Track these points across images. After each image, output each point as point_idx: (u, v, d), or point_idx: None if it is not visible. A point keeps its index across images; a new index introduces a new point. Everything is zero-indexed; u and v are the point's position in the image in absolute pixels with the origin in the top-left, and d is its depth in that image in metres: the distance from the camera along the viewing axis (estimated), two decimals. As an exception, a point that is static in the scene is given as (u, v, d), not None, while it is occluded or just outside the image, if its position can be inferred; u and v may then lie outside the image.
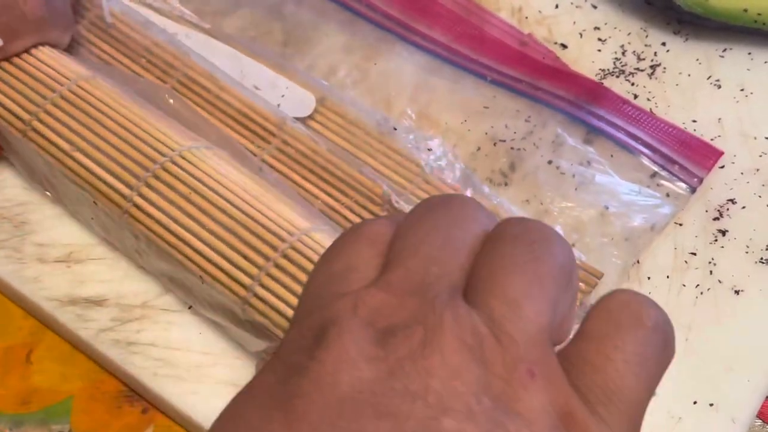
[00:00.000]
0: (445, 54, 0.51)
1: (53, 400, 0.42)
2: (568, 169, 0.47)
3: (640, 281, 0.45)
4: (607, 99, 0.49)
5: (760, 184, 0.48)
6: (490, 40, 0.52)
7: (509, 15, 0.54)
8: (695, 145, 0.48)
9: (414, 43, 0.52)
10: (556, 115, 0.49)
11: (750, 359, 0.43)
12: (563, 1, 0.54)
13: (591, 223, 0.46)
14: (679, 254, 0.46)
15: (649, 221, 0.46)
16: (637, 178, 0.47)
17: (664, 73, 0.52)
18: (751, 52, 0.52)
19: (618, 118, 0.49)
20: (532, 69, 0.50)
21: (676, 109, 0.50)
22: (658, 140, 0.48)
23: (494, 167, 0.48)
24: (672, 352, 0.24)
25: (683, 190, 0.47)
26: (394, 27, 0.52)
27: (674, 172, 0.47)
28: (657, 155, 0.48)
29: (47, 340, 0.44)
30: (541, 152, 0.48)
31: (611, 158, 0.48)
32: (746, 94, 0.51)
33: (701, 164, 0.48)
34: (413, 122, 0.49)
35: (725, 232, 0.46)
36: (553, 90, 0.50)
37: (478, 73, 0.51)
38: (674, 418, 0.41)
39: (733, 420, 0.41)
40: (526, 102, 0.50)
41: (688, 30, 0.53)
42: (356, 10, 0.53)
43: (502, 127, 0.49)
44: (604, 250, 0.45)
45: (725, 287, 0.45)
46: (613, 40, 0.53)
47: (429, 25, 0.52)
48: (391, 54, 0.51)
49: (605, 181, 0.47)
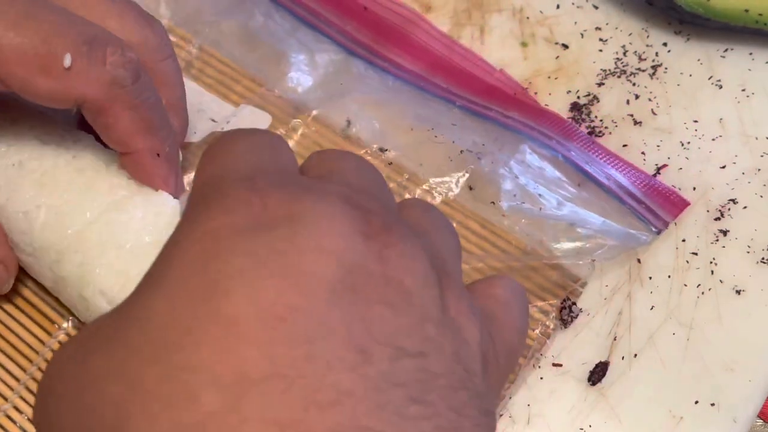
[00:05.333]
0: (413, 79, 0.51)
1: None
2: (534, 189, 0.46)
3: (641, 281, 0.45)
4: (576, 135, 0.49)
5: (761, 184, 0.48)
6: (463, 72, 0.51)
7: (510, 16, 0.54)
8: (664, 192, 0.47)
9: (383, 68, 0.51)
10: (525, 141, 0.48)
11: (751, 359, 0.43)
12: (564, 2, 0.54)
13: (556, 235, 0.45)
14: (681, 254, 0.46)
15: (614, 248, 0.45)
16: (604, 210, 0.46)
17: (665, 74, 0.52)
18: (752, 53, 0.52)
19: (588, 154, 0.48)
20: (503, 101, 0.50)
21: (677, 110, 0.50)
22: (628, 180, 0.47)
23: (458, 173, 0.47)
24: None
25: (649, 230, 0.46)
26: (361, 52, 0.51)
27: (641, 212, 0.46)
28: (625, 193, 0.46)
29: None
30: (507, 167, 0.47)
31: (579, 187, 0.47)
32: (747, 95, 0.51)
33: (668, 210, 0.46)
34: (379, 127, 0.49)
35: (726, 232, 0.46)
36: (523, 120, 0.49)
37: (447, 99, 0.50)
38: (675, 418, 0.41)
39: (734, 420, 0.41)
40: (495, 126, 0.49)
41: (690, 30, 0.53)
42: (326, 33, 0.52)
43: (470, 141, 0.48)
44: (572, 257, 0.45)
45: (726, 287, 0.45)
46: (614, 40, 0.53)
47: (401, 55, 0.51)
48: (358, 75, 0.51)
49: (571, 207, 0.46)
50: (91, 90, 0.38)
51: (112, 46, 0.38)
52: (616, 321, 0.44)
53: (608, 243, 0.45)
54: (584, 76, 0.52)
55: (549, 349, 0.43)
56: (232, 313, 0.23)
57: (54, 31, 0.37)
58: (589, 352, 0.43)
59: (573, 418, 0.41)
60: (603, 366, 0.42)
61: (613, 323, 0.44)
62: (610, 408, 0.42)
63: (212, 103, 0.50)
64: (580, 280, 0.44)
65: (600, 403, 0.42)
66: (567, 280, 0.44)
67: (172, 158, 0.41)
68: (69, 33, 0.37)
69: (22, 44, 0.36)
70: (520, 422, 0.41)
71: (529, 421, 0.41)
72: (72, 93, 0.38)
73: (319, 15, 0.53)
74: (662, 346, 0.43)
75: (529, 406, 0.42)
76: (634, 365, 0.43)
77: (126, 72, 0.38)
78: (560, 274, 0.44)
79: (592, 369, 0.42)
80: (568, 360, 0.43)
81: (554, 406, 0.42)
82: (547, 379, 0.42)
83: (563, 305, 0.44)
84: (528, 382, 0.42)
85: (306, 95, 0.50)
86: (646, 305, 0.44)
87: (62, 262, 0.40)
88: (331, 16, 0.53)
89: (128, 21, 0.41)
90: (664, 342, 0.43)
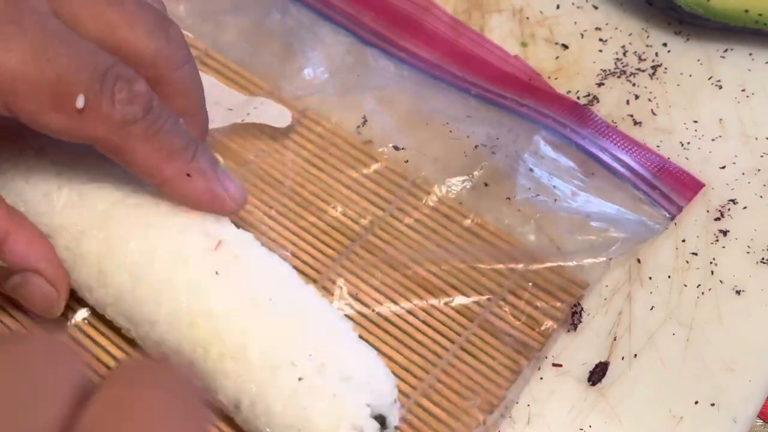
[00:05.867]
0: (428, 69, 0.51)
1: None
2: (548, 181, 0.47)
3: (641, 281, 0.45)
4: (591, 121, 0.49)
5: (761, 184, 0.48)
6: (477, 59, 0.51)
7: (510, 16, 0.54)
8: (678, 174, 0.47)
9: (399, 58, 0.51)
10: (539, 130, 0.48)
11: (751, 359, 0.43)
12: (564, 2, 0.54)
13: (571, 229, 0.45)
14: (681, 254, 0.46)
15: (627, 241, 0.45)
16: (617, 198, 0.46)
17: (665, 74, 0.52)
18: (752, 53, 0.52)
19: (602, 140, 0.48)
20: (517, 88, 0.50)
21: (677, 110, 0.50)
22: (641, 165, 0.47)
23: (473, 169, 0.48)
24: None
25: (662, 217, 0.46)
26: (377, 42, 0.52)
27: (655, 197, 0.46)
28: (638, 179, 0.47)
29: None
30: (522, 160, 0.47)
31: (592, 176, 0.47)
32: (747, 95, 0.51)
33: (682, 194, 0.47)
34: (394, 123, 0.49)
35: (726, 233, 0.46)
36: (538, 107, 0.49)
37: (462, 87, 0.50)
38: (675, 418, 0.41)
39: (734, 419, 0.41)
40: (509, 115, 0.49)
41: (689, 30, 0.53)
42: (343, 25, 0.52)
43: (484, 134, 0.48)
44: (583, 255, 0.45)
45: (726, 287, 0.45)
46: (614, 40, 0.53)
47: (416, 44, 0.52)
48: (375, 67, 0.51)
49: (584, 197, 0.46)
50: (103, 130, 0.37)
51: (121, 81, 0.37)
52: (616, 321, 0.44)
53: (621, 236, 0.45)
54: (584, 76, 0.52)
55: (550, 350, 0.43)
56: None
57: (68, 68, 0.36)
58: (589, 352, 0.43)
59: (573, 419, 0.41)
60: (603, 366, 0.42)
61: (613, 323, 0.44)
62: (610, 408, 0.42)
63: (226, 93, 0.49)
64: (588, 285, 0.44)
65: (600, 403, 0.42)
66: (571, 285, 0.44)
67: (206, 168, 0.39)
68: (83, 71, 0.36)
69: (36, 79, 0.36)
70: (520, 422, 0.41)
71: (529, 421, 0.41)
72: (84, 133, 0.37)
73: (335, 7, 0.53)
74: (662, 346, 0.43)
75: (529, 406, 0.42)
76: (634, 365, 0.43)
77: (136, 107, 0.37)
78: (565, 277, 0.44)
79: (592, 369, 0.42)
80: (568, 360, 0.43)
81: (554, 406, 0.42)
82: (547, 379, 0.42)
83: (574, 310, 0.43)
84: (528, 382, 0.42)
85: (322, 89, 0.50)
86: (646, 305, 0.44)
87: (82, 239, 0.40)
88: (346, 7, 0.53)
89: (140, 30, 0.39)
90: (664, 342, 0.43)
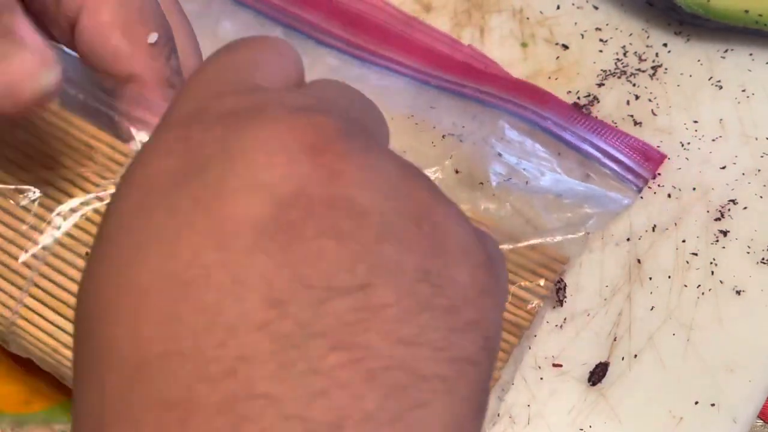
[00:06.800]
0: (385, 65, 0.51)
1: (56, 400, 0.42)
2: (518, 164, 0.47)
3: (641, 282, 0.45)
4: (553, 102, 0.49)
5: (761, 184, 0.48)
6: (433, 52, 0.51)
7: (510, 16, 0.54)
8: (641, 148, 0.48)
9: (354, 56, 0.51)
10: (502, 115, 0.48)
11: (751, 359, 0.43)
12: (564, 2, 0.54)
13: (546, 209, 0.46)
14: (681, 255, 0.46)
15: (602, 216, 0.46)
16: (585, 175, 0.47)
17: (665, 74, 0.52)
18: (752, 53, 0.52)
19: (564, 121, 0.49)
20: (476, 77, 0.50)
21: (677, 110, 0.50)
22: (606, 141, 0.48)
23: (443, 159, 0.48)
24: None
25: (630, 190, 0.47)
26: (332, 42, 0.51)
27: (621, 172, 0.47)
28: (604, 155, 0.48)
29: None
30: (489, 146, 0.47)
31: (559, 156, 0.47)
32: (747, 95, 0.51)
33: (647, 167, 0.48)
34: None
35: (726, 233, 0.46)
36: (499, 94, 0.49)
37: (422, 80, 0.50)
38: (675, 418, 0.41)
39: (734, 420, 0.41)
40: (472, 103, 0.49)
41: (690, 31, 0.53)
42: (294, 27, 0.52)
43: (450, 123, 0.49)
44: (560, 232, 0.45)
45: (726, 288, 0.45)
46: (614, 40, 0.53)
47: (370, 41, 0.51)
48: (331, 66, 0.51)
49: (554, 176, 0.47)
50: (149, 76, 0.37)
51: (176, 51, 0.38)
52: (616, 321, 0.44)
53: (595, 211, 0.45)
54: (584, 76, 0.52)
55: (550, 350, 0.43)
56: (144, 282, 0.20)
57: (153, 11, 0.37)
58: (589, 352, 0.43)
59: (573, 419, 0.41)
60: (603, 366, 0.42)
61: (613, 324, 0.44)
62: (610, 408, 0.41)
63: None
64: (569, 259, 0.44)
65: (600, 403, 0.42)
66: (552, 261, 0.44)
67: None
68: (164, 21, 0.38)
69: (121, 2, 0.36)
70: (520, 422, 0.41)
71: (529, 421, 0.41)
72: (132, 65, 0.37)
73: (284, 10, 0.52)
74: (662, 346, 0.43)
75: (529, 406, 0.42)
76: (634, 366, 0.42)
77: (179, 79, 0.38)
78: (545, 254, 0.44)
79: (592, 369, 0.42)
80: (568, 360, 0.43)
81: (554, 406, 0.42)
82: (547, 379, 0.42)
83: (558, 286, 0.44)
84: (528, 382, 0.42)
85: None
86: (646, 306, 0.44)
87: None
88: (296, 9, 0.52)
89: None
90: (664, 342, 0.43)
